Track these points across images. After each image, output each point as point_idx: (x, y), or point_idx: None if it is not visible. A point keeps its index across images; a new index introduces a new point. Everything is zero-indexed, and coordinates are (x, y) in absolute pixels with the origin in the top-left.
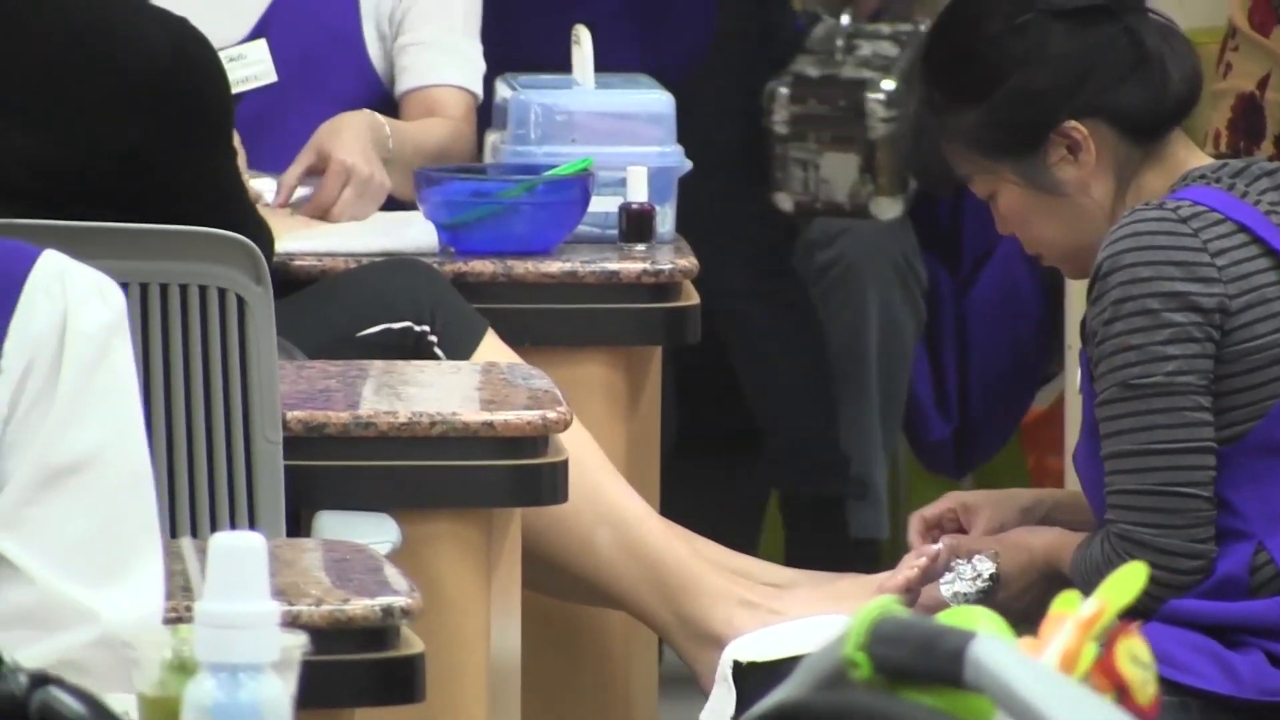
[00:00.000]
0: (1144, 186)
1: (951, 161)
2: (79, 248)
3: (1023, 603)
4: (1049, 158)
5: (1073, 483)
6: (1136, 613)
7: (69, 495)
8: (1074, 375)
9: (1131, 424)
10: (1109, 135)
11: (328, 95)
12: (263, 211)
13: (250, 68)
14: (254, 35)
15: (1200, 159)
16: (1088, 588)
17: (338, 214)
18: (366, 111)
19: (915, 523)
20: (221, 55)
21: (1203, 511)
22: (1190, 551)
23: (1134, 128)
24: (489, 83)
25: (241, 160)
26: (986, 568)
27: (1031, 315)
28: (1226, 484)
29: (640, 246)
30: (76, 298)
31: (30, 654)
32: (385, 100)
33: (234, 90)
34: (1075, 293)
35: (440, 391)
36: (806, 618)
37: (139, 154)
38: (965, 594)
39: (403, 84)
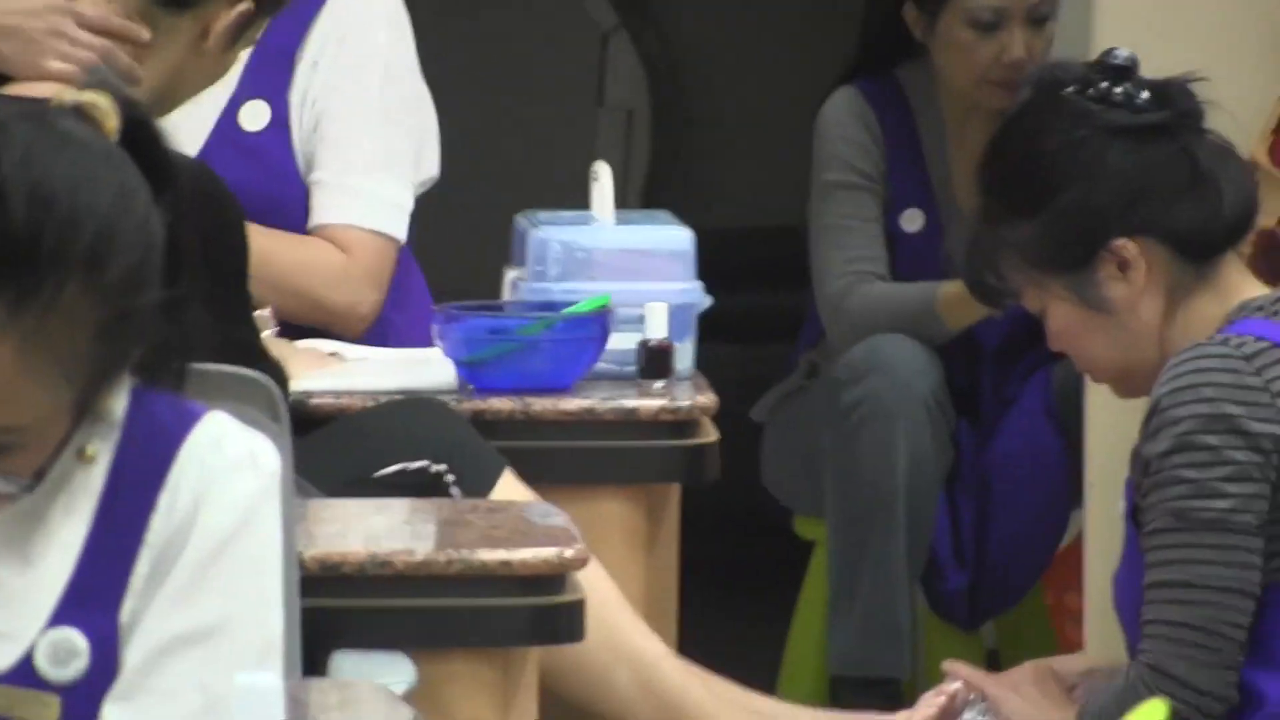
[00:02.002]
0: (1194, 310)
1: (1005, 273)
2: None
3: None
4: (1099, 274)
5: (1094, 619)
6: None
7: (184, 666)
8: (1096, 512)
9: (1180, 555)
10: (1161, 255)
11: (281, 227)
12: (280, 348)
13: None
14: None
15: (1255, 286)
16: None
17: None
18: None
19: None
20: None
21: (1236, 656)
22: (1221, 694)
23: (1186, 248)
24: (509, 219)
25: None
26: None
27: (1055, 472)
28: (1273, 623)
29: (659, 383)
30: (224, 468)
31: None
32: None
33: None
34: (1095, 430)
35: (456, 530)
36: None
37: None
38: None
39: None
